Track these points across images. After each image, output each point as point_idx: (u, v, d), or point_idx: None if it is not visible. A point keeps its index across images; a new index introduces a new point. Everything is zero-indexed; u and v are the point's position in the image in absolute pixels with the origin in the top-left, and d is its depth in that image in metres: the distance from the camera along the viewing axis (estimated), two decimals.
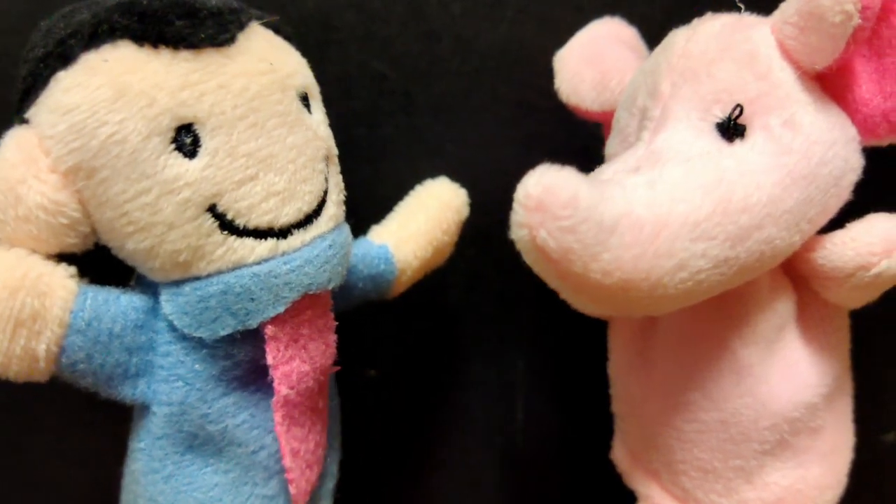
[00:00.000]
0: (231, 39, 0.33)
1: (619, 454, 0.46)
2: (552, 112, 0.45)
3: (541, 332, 0.53)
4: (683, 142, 0.35)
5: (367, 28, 0.47)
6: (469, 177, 0.46)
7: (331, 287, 0.36)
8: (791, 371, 0.38)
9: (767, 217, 0.33)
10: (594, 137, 0.45)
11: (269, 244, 0.34)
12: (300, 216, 0.35)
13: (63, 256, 0.33)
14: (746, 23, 0.37)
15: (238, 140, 0.33)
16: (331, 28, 0.46)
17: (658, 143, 0.35)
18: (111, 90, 0.31)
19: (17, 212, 0.31)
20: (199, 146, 0.32)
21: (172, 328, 0.34)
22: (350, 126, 0.41)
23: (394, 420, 0.54)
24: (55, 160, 0.31)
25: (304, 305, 0.35)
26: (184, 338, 0.34)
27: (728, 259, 0.33)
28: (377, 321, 0.49)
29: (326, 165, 0.37)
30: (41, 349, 0.32)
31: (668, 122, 0.36)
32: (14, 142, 0.32)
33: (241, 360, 0.35)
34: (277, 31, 0.37)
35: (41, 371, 0.33)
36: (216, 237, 0.32)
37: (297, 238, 0.34)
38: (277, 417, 0.36)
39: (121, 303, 0.34)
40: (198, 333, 0.34)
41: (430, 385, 0.54)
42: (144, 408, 0.36)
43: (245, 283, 0.33)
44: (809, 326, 0.39)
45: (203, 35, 0.32)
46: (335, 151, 0.38)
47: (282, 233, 0.34)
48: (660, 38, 0.39)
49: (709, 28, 0.37)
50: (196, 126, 0.32)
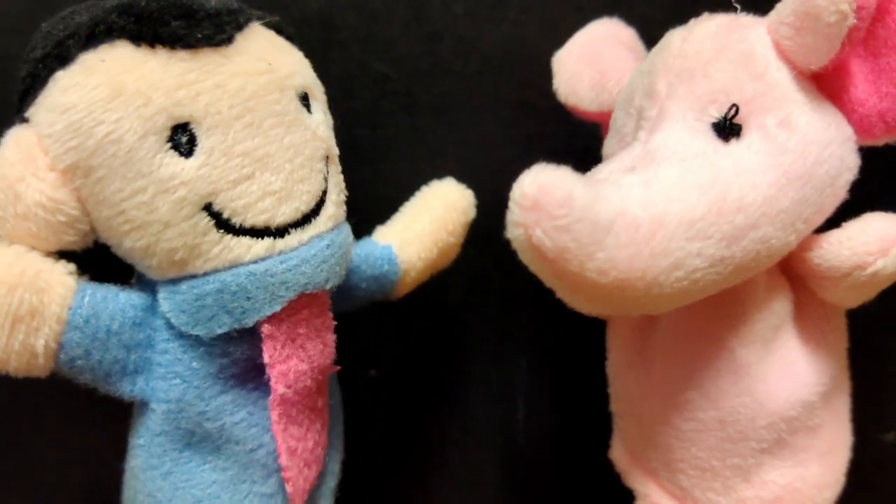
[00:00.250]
0: (228, 40, 0.33)
1: (618, 453, 0.46)
2: (553, 112, 0.45)
3: (541, 332, 0.52)
4: (679, 142, 0.35)
5: (370, 29, 0.47)
6: (471, 177, 0.46)
7: (328, 287, 0.36)
8: (789, 370, 0.38)
9: (763, 216, 0.33)
10: (595, 138, 0.45)
11: (266, 243, 0.34)
12: (297, 216, 0.35)
13: (64, 254, 0.34)
14: (742, 23, 0.37)
15: (234, 139, 0.33)
16: (333, 28, 0.46)
17: (654, 143, 0.35)
18: (108, 90, 0.31)
19: (17, 209, 0.32)
20: (196, 145, 0.32)
21: (170, 326, 0.34)
22: (352, 126, 0.41)
23: (394, 419, 0.54)
24: (53, 159, 0.31)
25: (302, 305, 0.35)
26: (181, 335, 0.34)
27: (724, 258, 0.32)
28: (378, 321, 0.49)
29: (326, 165, 0.37)
30: (40, 345, 0.32)
31: (665, 122, 0.36)
32: (13, 140, 0.32)
33: (239, 359, 0.35)
34: (280, 32, 0.38)
35: (40, 367, 0.33)
36: (212, 236, 0.33)
37: (295, 237, 0.34)
38: (274, 416, 0.36)
39: (119, 300, 0.34)
40: (195, 331, 0.34)
41: (431, 385, 0.54)
42: (143, 404, 0.36)
43: (241, 282, 0.33)
44: (807, 326, 0.39)
45: (200, 35, 0.32)
46: (336, 151, 0.38)
47: (279, 232, 0.34)
48: (659, 39, 0.39)
49: (705, 28, 0.37)
50: (192, 125, 0.32)
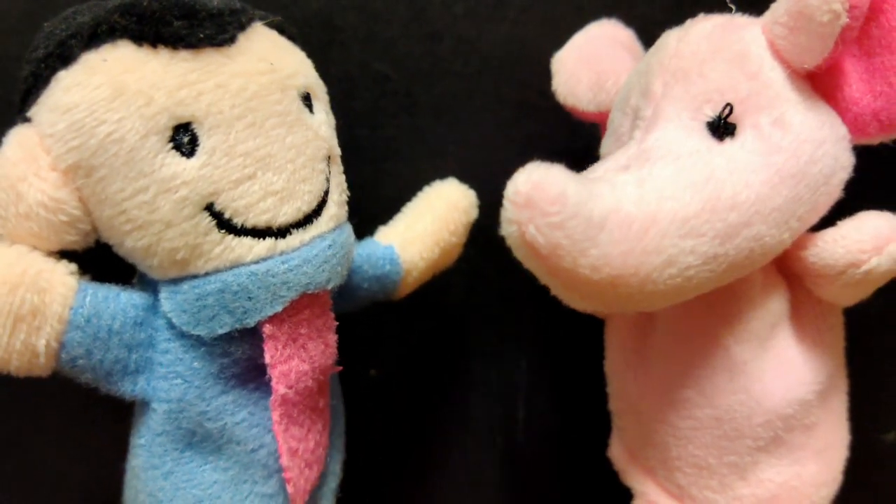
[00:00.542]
0: (230, 40, 0.34)
1: (616, 452, 0.46)
2: (553, 112, 0.45)
3: (542, 332, 0.52)
4: (674, 141, 0.35)
5: (370, 29, 0.47)
6: (471, 177, 0.46)
7: (330, 287, 0.36)
8: (785, 368, 0.38)
9: (756, 214, 0.33)
10: (594, 138, 0.45)
11: (267, 243, 0.34)
12: (299, 216, 0.35)
13: (66, 254, 0.34)
14: (738, 23, 0.37)
15: (236, 139, 0.33)
16: (333, 29, 0.46)
17: (649, 142, 0.35)
18: (109, 89, 0.31)
19: (18, 209, 0.32)
20: (197, 145, 0.32)
21: (171, 326, 0.34)
22: (352, 126, 0.41)
23: (395, 419, 0.54)
24: (55, 158, 0.31)
25: (303, 305, 0.35)
26: (182, 335, 0.34)
27: (717, 256, 0.33)
28: (378, 321, 0.49)
29: (328, 165, 0.37)
30: (41, 345, 0.32)
31: (660, 122, 0.36)
32: (16, 140, 0.32)
33: (240, 359, 0.35)
34: (282, 32, 0.38)
35: (41, 366, 0.33)
36: (214, 236, 0.33)
37: (296, 238, 0.34)
38: (275, 416, 0.36)
39: (120, 300, 0.34)
40: (196, 331, 0.34)
41: (432, 385, 0.54)
42: (144, 404, 0.36)
43: (242, 282, 0.33)
44: (803, 324, 0.39)
45: (202, 35, 0.32)
46: (338, 151, 0.38)
47: (280, 232, 0.34)
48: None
49: (700, 29, 0.37)
50: (194, 125, 0.32)
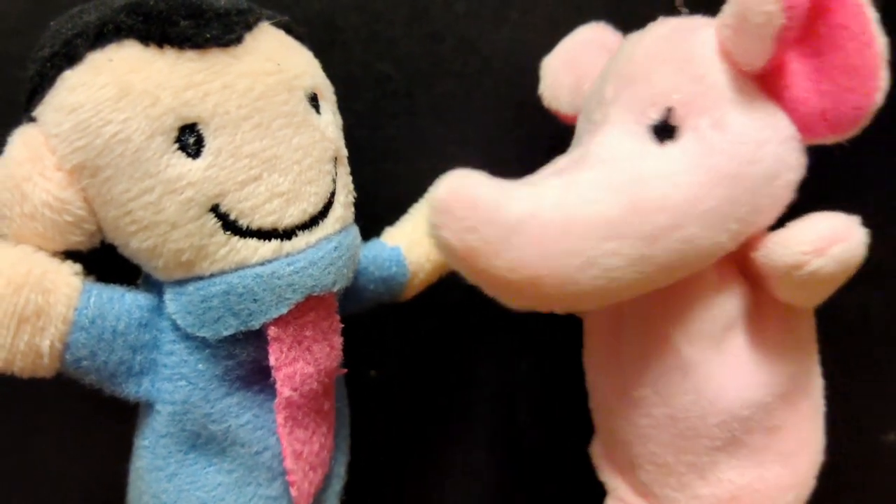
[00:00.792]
0: (237, 40, 0.33)
1: (595, 448, 0.46)
2: (554, 113, 0.45)
3: (542, 332, 0.52)
4: (613, 145, 0.35)
5: (371, 29, 0.47)
6: None
7: (336, 289, 0.36)
8: (740, 370, 0.38)
9: (686, 216, 0.33)
10: None
11: (273, 245, 0.34)
12: (305, 217, 0.35)
13: (71, 254, 0.34)
14: (693, 26, 0.37)
15: (242, 140, 0.33)
16: (335, 29, 0.46)
17: (591, 147, 0.36)
18: (115, 89, 0.31)
19: (23, 209, 0.32)
20: (203, 146, 0.32)
21: (176, 327, 0.34)
22: (353, 127, 0.41)
23: (396, 420, 0.54)
24: (60, 158, 0.31)
25: (309, 307, 0.35)
26: (187, 337, 0.34)
27: (645, 257, 0.33)
28: (379, 321, 0.49)
29: (334, 167, 0.37)
30: (45, 345, 0.32)
31: (606, 126, 0.36)
32: (21, 140, 0.32)
33: (245, 361, 0.35)
34: (290, 32, 0.38)
35: (45, 367, 0.33)
36: (219, 237, 0.33)
37: (302, 239, 0.34)
38: (279, 419, 0.36)
39: (125, 301, 0.34)
40: (200, 333, 0.34)
41: (433, 385, 0.54)
42: (149, 406, 0.36)
43: (247, 284, 0.33)
44: (765, 326, 0.39)
45: (208, 35, 0.32)
46: (344, 153, 0.38)
47: (286, 234, 0.34)
48: None
49: (656, 32, 0.37)
50: (200, 126, 0.32)
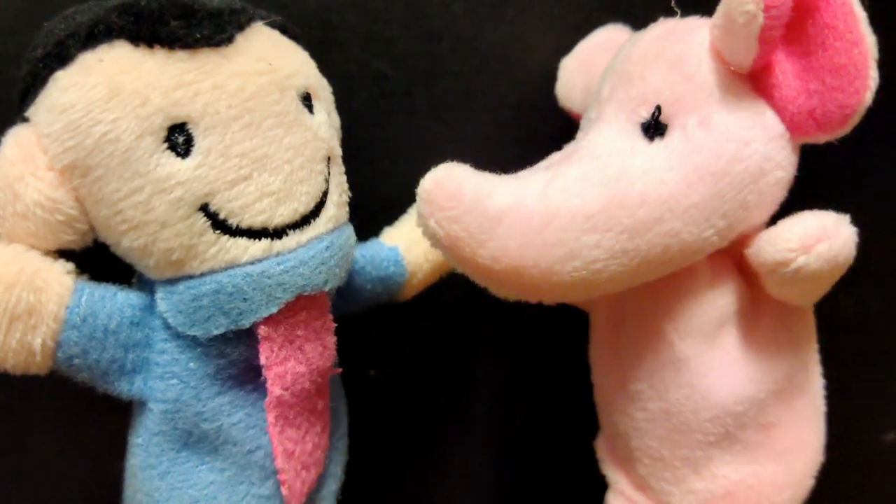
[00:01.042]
0: (228, 40, 0.33)
1: (599, 442, 0.47)
2: (553, 112, 0.45)
3: (542, 332, 0.52)
4: (603, 142, 0.36)
5: (369, 28, 0.47)
6: None
7: (327, 289, 0.36)
8: (734, 366, 0.38)
9: (669, 211, 0.33)
10: None
11: (263, 244, 0.34)
12: (296, 217, 0.34)
13: (63, 253, 0.34)
14: (689, 26, 0.37)
15: (232, 140, 0.33)
16: (332, 28, 0.46)
17: (582, 143, 0.36)
18: (105, 89, 0.31)
19: (15, 208, 0.32)
20: (192, 146, 0.32)
21: (168, 326, 0.34)
22: (351, 126, 0.41)
23: (395, 420, 0.54)
24: (52, 158, 0.32)
25: (300, 306, 0.35)
26: (179, 335, 0.34)
27: (627, 251, 0.33)
28: (378, 321, 0.49)
29: (327, 166, 0.36)
30: (37, 343, 0.32)
31: (599, 124, 0.37)
32: (13, 140, 0.32)
33: (236, 360, 0.35)
34: (284, 31, 0.37)
35: (38, 365, 0.33)
36: (209, 236, 0.33)
37: (293, 239, 0.34)
38: (270, 418, 0.36)
39: (117, 300, 0.34)
40: (191, 332, 0.34)
41: (432, 385, 0.53)
42: (142, 404, 0.36)
43: (237, 283, 0.33)
44: (761, 323, 0.38)
45: (199, 35, 0.32)
46: (338, 152, 0.38)
47: (277, 233, 0.34)
48: None
49: (654, 32, 0.38)
50: (189, 125, 0.32)
